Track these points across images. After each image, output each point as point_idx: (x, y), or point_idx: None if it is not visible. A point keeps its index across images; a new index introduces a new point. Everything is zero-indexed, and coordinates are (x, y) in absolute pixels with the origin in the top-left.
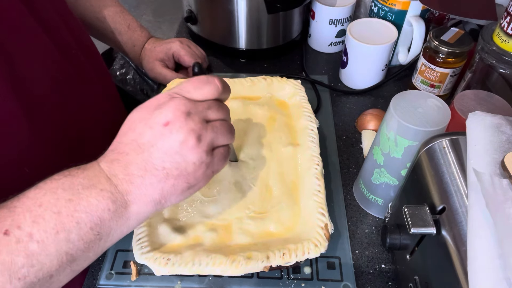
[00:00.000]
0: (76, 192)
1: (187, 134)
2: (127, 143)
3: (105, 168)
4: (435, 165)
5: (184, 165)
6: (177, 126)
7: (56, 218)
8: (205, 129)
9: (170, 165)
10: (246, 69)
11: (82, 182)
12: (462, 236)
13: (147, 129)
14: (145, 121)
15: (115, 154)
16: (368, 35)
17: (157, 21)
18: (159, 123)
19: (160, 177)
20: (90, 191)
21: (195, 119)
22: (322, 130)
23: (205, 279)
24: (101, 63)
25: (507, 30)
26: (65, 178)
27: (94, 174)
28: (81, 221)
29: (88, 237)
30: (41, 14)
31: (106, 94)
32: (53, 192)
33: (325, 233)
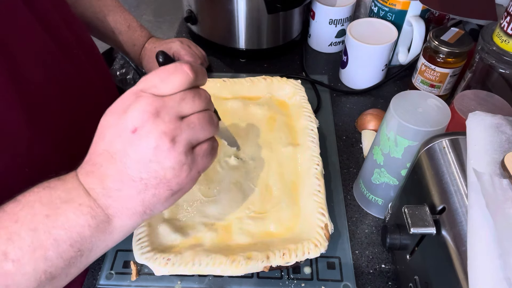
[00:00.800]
0: (54, 207)
1: (159, 138)
2: (99, 153)
3: (82, 180)
4: (435, 165)
5: (163, 173)
6: (146, 130)
7: (32, 235)
8: (179, 128)
9: (147, 174)
10: (246, 69)
11: (61, 196)
12: (462, 236)
13: (116, 136)
14: (113, 128)
15: (90, 166)
16: (368, 35)
17: (157, 21)
18: (126, 129)
19: (139, 188)
20: (68, 205)
21: (165, 118)
22: (322, 130)
23: (205, 279)
24: (102, 63)
25: (507, 30)
26: (44, 191)
27: (73, 187)
28: (59, 238)
29: (67, 254)
30: (42, 14)
31: (107, 94)
32: (31, 206)
33: (325, 233)
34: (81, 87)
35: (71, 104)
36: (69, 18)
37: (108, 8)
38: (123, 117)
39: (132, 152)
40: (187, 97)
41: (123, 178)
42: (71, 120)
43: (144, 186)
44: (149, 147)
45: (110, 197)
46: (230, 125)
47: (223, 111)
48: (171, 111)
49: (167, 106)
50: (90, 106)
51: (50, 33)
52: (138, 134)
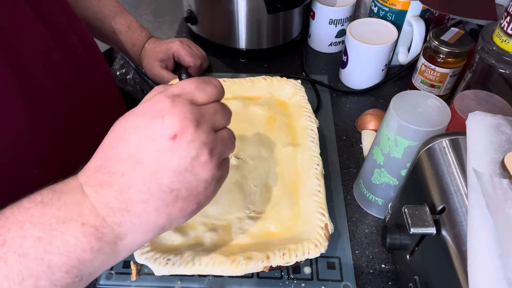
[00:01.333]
0: (48, 228)
1: (200, 148)
2: (121, 159)
3: (90, 194)
4: (435, 165)
5: (195, 184)
6: (187, 139)
7: (21, 262)
8: (216, 141)
9: (179, 185)
10: (246, 69)
11: (56, 214)
12: (462, 236)
13: (148, 142)
14: (143, 132)
15: (105, 175)
16: (368, 35)
17: (157, 21)
18: (164, 135)
19: (168, 200)
20: (67, 226)
21: (205, 129)
22: (322, 130)
23: (205, 279)
24: (104, 63)
25: (507, 30)
26: (35, 208)
27: (75, 202)
28: (53, 264)
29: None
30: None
31: (108, 94)
32: (20, 227)
33: (325, 233)
34: (84, 87)
35: (74, 103)
36: (71, 18)
37: (108, 9)
38: (158, 121)
39: (167, 160)
40: (219, 110)
41: (152, 189)
42: (74, 119)
43: (174, 198)
44: (188, 156)
45: (129, 211)
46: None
47: None
48: (209, 122)
49: (205, 117)
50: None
51: (53, 33)
52: (178, 142)
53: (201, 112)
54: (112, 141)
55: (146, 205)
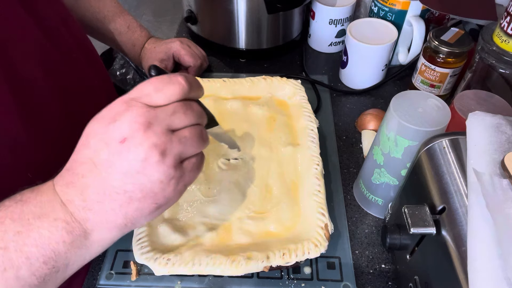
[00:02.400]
0: (26, 223)
1: (149, 150)
2: (82, 162)
3: (60, 192)
4: (435, 165)
5: (150, 186)
6: (136, 142)
7: (2, 254)
8: (170, 141)
9: (132, 187)
10: (246, 69)
11: (33, 210)
12: (462, 236)
13: (103, 145)
14: (100, 136)
15: (70, 175)
16: (368, 35)
17: (157, 21)
18: (115, 139)
19: (122, 201)
20: (41, 221)
21: (157, 130)
22: (322, 130)
23: (205, 279)
24: (101, 65)
25: (507, 30)
26: (15, 205)
27: (48, 200)
28: (31, 256)
29: (41, 271)
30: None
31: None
32: (1, 223)
33: (325, 233)
34: (80, 90)
35: (70, 107)
36: (68, 21)
37: (108, 9)
38: (111, 125)
39: (118, 162)
40: (179, 110)
41: (106, 190)
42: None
43: (128, 199)
44: (137, 159)
45: (90, 210)
46: (230, 125)
47: (223, 111)
48: (163, 123)
49: (159, 118)
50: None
51: (49, 36)
52: (127, 144)
53: (156, 114)
54: (78, 145)
55: (103, 205)
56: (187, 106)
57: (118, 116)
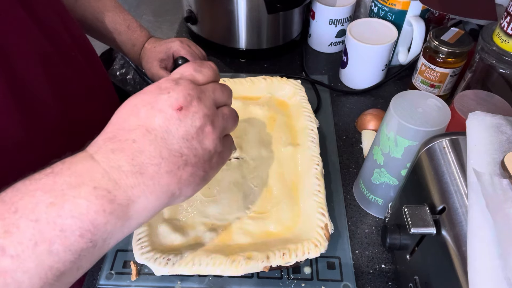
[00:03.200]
0: (60, 194)
1: (203, 119)
2: (131, 129)
3: (101, 160)
4: (435, 165)
5: (202, 152)
6: (192, 110)
7: (33, 226)
8: (217, 115)
9: (188, 151)
10: (246, 69)
11: (68, 181)
12: (462, 236)
13: (156, 112)
14: (152, 105)
15: (117, 143)
16: (368, 35)
17: (157, 21)
18: (170, 106)
19: (179, 164)
20: (78, 190)
21: (207, 103)
22: (322, 130)
23: (205, 279)
24: (100, 66)
25: (507, 30)
26: (46, 178)
27: (85, 169)
28: (66, 228)
29: (77, 246)
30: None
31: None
32: (31, 195)
33: (325, 233)
34: (79, 90)
35: (69, 106)
36: (67, 21)
37: (108, 9)
38: (165, 95)
39: (175, 128)
40: (218, 88)
41: (163, 153)
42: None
43: (184, 162)
44: (193, 125)
45: (141, 174)
46: None
47: None
48: (210, 98)
49: (206, 93)
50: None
51: (48, 36)
52: (184, 112)
53: (202, 90)
54: (122, 116)
55: (159, 168)
56: (223, 86)
57: (170, 89)
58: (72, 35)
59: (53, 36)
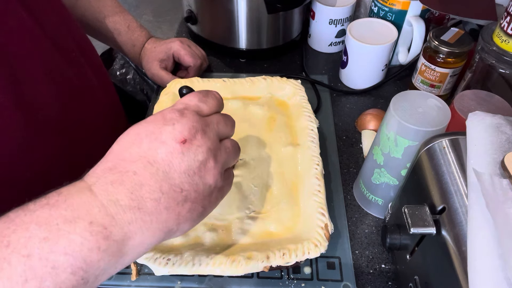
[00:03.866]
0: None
1: (206, 153)
2: (133, 160)
3: (99, 192)
4: (435, 165)
5: (202, 188)
6: (196, 144)
7: (25, 262)
8: (219, 149)
9: (188, 186)
10: (246, 69)
11: (63, 214)
12: (462, 236)
13: (159, 144)
14: (155, 136)
15: (117, 174)
16: (368, 35)
17: (157, 21)
18: (174, 139)
19: (179, 200)
20: (73, 225)
21: (211, 136)
22: (322, 130)
23: (205, 279)
24: (101, 67)
25: (507, 30)
26: (41, 210)
27: (82, 202)
28: (58, 265)
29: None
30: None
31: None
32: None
33: (325, 233)
34: (80, 89)
35: (69, 106)
36: (67, 21)
37: (108, 9)
38: (169, 127)
39: (178, 162)
40: (221, 120)
41: (164, 188)
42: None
43: (184, 198)
44: (196, 160)
45: (140, 209)
46: None
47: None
48: (214, 131)
49: (210, 126)
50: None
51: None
52: (187, 145)
53: (206, 122)
54: (123, 144)
55: (158, 203)
56: (227, 117)
57: (174, 121)
58: (73, 36)
59: (53, 35)
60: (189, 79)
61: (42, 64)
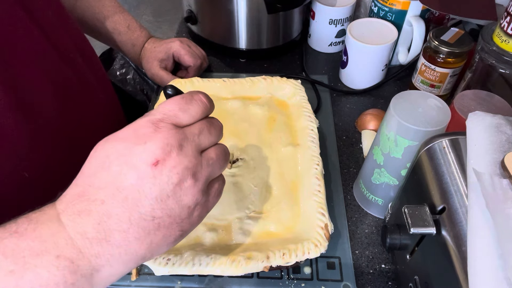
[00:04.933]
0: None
1: (182, 173)
2: (101, 187)
3: (67, 223)
4: (435, 165)
5: (178, 211)
6: (170, 165)
7: None
8: (200, 164)
9: (161, 213)
10: (246, 69)
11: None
12: (462, 236)
13: (129, 169)
14: (124, 158)
15: (84, 202)
16: (368, 35)
17: (157, 21)
18: (145, 161)
19: (149, 229)
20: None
21: (188, 153)
22: (322, 130)
23: (205, 279)
24: (100, 68)
25: (507, 30)
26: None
27: (50, 233)
28: None
29: None
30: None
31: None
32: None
33: (325, 233)
34: (80, 92)
35: (67, 105)
36: (67, 22)
37: (108, 9)
38: (140, 147)
39: (149, 187)
40: (204, 129)
41: (132, 217)
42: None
43: (156, 226)
44: (170, 182)
45: (108, 241)
46: (230, 125)
47: (223, 111)
48: (193, 145)
49: (189, 139)
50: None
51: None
52: (160, 168)
53: (185, 135)
54: (92, 168)
55: (126, 234)
56: (211, 124)
57: (146, 138)
58: (71, 36)
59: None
60: (189, 79)
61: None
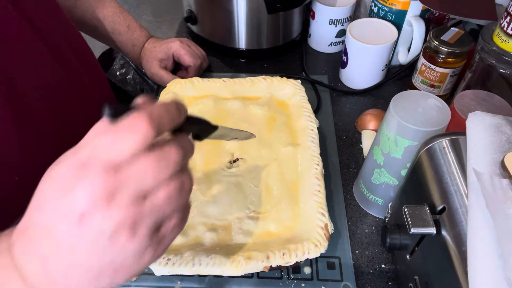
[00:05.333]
0: None
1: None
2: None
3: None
4: (435, 165)
5: (121, 260)
6: (97, 220)
7: None
8: (141, 213)
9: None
10: (246, 69)
11: None
12: (462, 236)
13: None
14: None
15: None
16: (368, 35)
17: (157, 21)
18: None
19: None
20: None
21: (122, 202)
22: (322, 130)
23: (205, 279)
24: (98, 68)
25: (507, 30)
26: None
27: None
28: None
29: None
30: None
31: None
32: None
33: (325, 233)
34: (75, 94)
35: (61, 107)
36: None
37: (108, 9)
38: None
39: (79, 239)
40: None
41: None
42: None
43: (97, 274)
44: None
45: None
46: (230, 125)
47: (223, 111)
48: (130, 191)
49: (124, 184)
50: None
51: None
52: (86, 222)
53: (119, 180)
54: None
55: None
56: (160, 156)
57: (72, 184)
58: (66, 37)
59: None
60: (189, 79)
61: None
